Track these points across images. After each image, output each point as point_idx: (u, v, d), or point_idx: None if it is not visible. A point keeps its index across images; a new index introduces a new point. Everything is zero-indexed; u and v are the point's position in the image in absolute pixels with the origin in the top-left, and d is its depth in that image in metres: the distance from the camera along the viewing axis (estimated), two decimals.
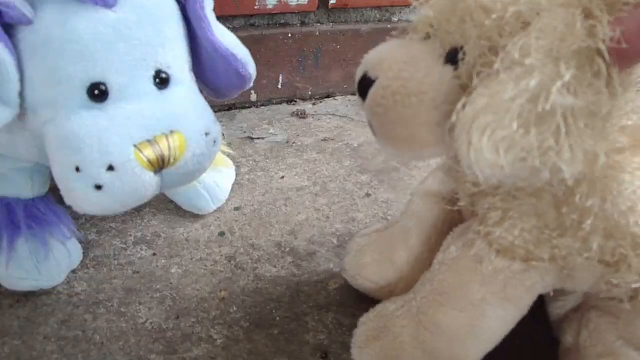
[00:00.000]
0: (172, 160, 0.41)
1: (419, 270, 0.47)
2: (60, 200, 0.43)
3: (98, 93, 0.39)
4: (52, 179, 0.48)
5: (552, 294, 0.40)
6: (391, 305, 0.44)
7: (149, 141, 0.39)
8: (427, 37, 0.35)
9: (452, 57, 0.33)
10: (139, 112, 0.40)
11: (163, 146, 0.40)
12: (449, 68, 0.33)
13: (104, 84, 0.39)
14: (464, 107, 0.30)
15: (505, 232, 0.37)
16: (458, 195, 0.43)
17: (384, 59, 0.36)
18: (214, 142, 0.45)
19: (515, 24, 0.29)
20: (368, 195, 0.69)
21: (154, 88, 0.41)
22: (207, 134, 0.44)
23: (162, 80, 0.42)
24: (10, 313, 0.49)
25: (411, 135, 0.35)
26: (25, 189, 0.50)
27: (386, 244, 0.50)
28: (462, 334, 0.39)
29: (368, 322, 0.45)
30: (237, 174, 0.68)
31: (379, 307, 0.45)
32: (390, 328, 0.42)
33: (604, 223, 0.34)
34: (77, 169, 0.38)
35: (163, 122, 0.41)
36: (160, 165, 0.40)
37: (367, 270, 0.50)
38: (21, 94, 0.38)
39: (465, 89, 0.32)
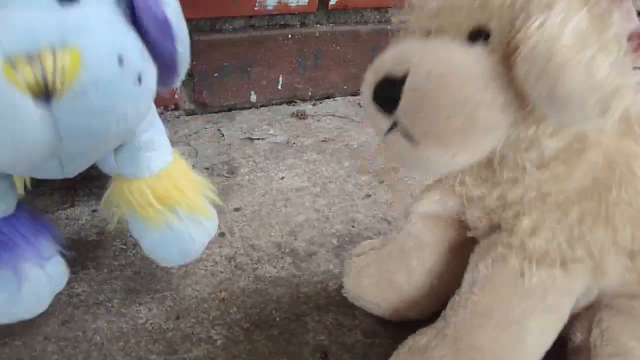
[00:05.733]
0: (58, 84, 0.30)
1: (420, 291, 0.47)
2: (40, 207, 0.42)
3: None
4: (25, 187, 0.44)
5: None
6: (422, 338, 0.42)
7: (28, 56, 0.29)
8: (427, 33, 0.35)
9: (476, 37, 0.33)
10: (19, 16, 0.30)
11: (47, 64, 0.29)
12: (479, 46, 0.33)
13: None
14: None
15: (540, 239, 0.36)
16: (470, 224, 0.41)
17: (406, 54, 0.33)
18: (138, 78, 0.34)
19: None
20: (368, 195, 0.69)
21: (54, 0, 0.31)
22: (120, 59, 0.32)
23: None
24: None
25: (471, 120, 0.31)
26: None
27: (385, 265, 0.49)
28: (507, 353, 0.38)
29: (402, 358, 0.42)
30: (237, 175, 0.68)
31: (409, 342, 0.43)
32: None
33: (631, 211, 0.35)
34: None
35: (53, 32, 0.30)
36: (43, 91, 0.30)
37: (368, 292, 0.49)
38: None
39: (504, 60, 0.32)
